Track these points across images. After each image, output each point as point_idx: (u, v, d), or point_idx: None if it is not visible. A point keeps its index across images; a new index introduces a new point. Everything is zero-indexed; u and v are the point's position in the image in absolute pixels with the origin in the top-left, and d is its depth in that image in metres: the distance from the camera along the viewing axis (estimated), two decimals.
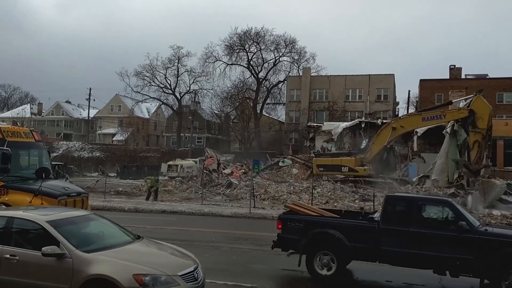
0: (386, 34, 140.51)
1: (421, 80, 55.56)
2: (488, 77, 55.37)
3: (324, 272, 9.61)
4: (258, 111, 63.53)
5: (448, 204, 9.51)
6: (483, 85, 45.59)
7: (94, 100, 76.16)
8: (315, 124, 45.54)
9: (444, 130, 29.57)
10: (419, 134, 34.57)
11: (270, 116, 69.16)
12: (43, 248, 6.47)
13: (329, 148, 39.62)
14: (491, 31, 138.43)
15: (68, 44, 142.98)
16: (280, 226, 10.22)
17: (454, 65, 57.22)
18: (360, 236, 9.57)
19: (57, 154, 58.23)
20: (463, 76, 55.99)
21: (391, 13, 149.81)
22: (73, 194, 11.94)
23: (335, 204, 24.61)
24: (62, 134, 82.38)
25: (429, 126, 32.27)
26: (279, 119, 68.54)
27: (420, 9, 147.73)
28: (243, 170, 34.17)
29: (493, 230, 9.23)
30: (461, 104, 28.52)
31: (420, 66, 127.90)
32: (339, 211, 12.05)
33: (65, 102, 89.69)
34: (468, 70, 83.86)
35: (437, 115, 27.67)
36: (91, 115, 79.59)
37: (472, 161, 25.48)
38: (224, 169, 34.88)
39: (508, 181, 30.21)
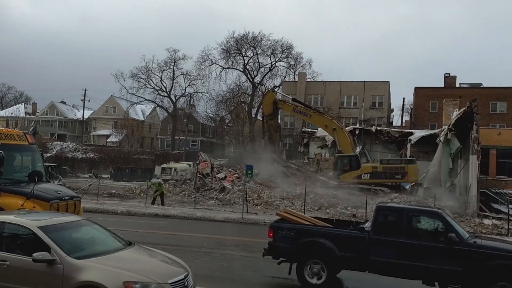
0: (381, 40, 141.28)
1: (416, 88, 55.85)
2: (482, 86, 55.79)
3: (314, 281, 9.65)
4: (253, 116, 63.48)
5: (438, 215, 9.56)
6: (476, 94, 46.00)
7: (89, 101, 76.35)
8: (309, 130, 45.64)
9: (438, 139, 29.77)
10: (412, 142, 34.77)
11: None
12: (34, 254, 6.48)
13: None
14: (489, 42, 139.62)
15: (56, 43, 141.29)
16: (271, 234, 10.25)
17: (449, 74, 57.68)
18: (351, 246, 9.62)
19: (50, 154, 57.98)
20: (457, 85, 56.38)
21: (384, 17, 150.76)
22: (65, 197, 11.91)
23: (328, 210, 24.69)
24: (56, 134, 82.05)
25: (423, 134, 32.30)
26: None
27: (414, 14, 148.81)
28: (237, 175, 34.12)
29: (482, 243, 9.29)
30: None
31: (416, 73, 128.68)
32: (331, 220, 12.07)
33: (60, 102, 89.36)
34: (463, 78, 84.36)
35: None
36: (86, 116, 79.40)
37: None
38: (217, 173, 34.82)
39: (501, 190, 30.51)
